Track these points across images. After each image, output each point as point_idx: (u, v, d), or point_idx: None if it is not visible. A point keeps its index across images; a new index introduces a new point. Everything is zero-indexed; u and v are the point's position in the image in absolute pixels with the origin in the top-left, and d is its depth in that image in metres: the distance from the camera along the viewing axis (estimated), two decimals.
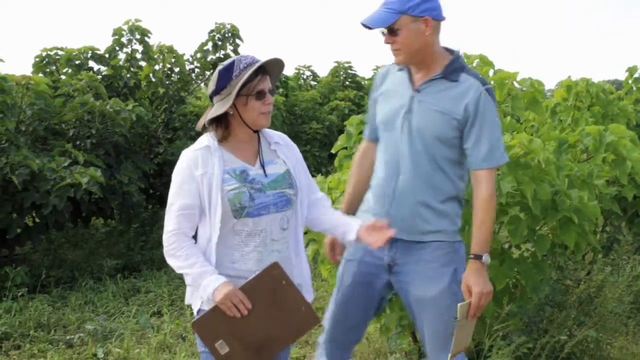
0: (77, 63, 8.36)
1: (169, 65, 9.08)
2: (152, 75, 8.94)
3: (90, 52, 8.50)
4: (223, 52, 9.39)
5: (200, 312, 2.60)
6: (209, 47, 9.53)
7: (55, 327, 5.22)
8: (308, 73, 14.72)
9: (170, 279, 6.50)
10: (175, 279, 6.43)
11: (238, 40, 9.54)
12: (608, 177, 4.42)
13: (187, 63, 9.33)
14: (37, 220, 6.48)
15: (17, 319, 5.22)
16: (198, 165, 2.55)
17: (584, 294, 4.20)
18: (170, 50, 8.98)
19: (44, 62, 8.37)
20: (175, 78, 9.12)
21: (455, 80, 2.97)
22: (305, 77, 14.69)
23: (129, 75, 8.60)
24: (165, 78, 8.98)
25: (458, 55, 3.03)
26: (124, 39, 8.64)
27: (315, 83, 14.63)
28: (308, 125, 11.45)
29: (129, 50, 8.67)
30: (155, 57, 8.86)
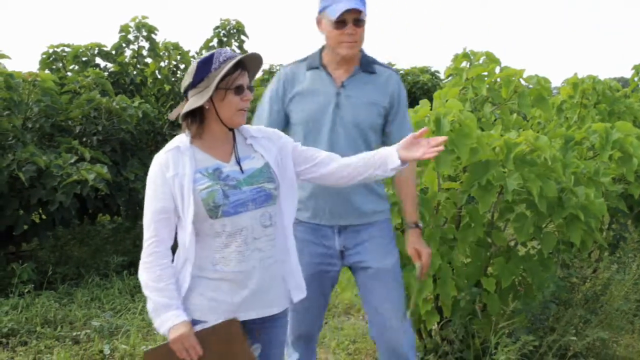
0: (83, 60, 8.39)
1: (175, 62, 9.11)
2: (158, 72, 8.96)
3: (97, 48, 8.52)
4: (228, 48, 9.40)
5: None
6: (215, 43, 9.56)
7: (62, 323, 5.23)
8: None
9: None
10: None
11: (243, 37, 9.57)
12: (614, 174, 4.41)
13: (192, 60, 9.34)
14: (43, 217, 6.50)
15: (23, 316, 5.23)
16: (169, 167, 2.48)
17: (590, 292, 4.18)
18: (176, 47, 9.01)
19: (51, 58, 8.40)
20: (181, 75, 9.12)
21: (373, 73, 3.21)
22: None
23: (135, 72, 8.63)
24: (171, 75, 9.00)
25: (363, 50, 3.23)
26: (131, 36, 8.68)
27: None
28: None
29: (136, 47, 8.70)
30: (162, 53, 8.89)
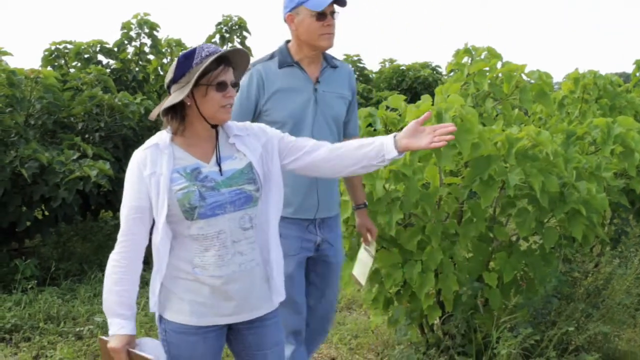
0: (86, 56, 8.41)
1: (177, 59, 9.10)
2: (160, 69, 8.97)
3: (99, 45, 8.54)
4: (230, 44, 9.41)
5: (162, 320, 2.53)
6: (217, 39, 9.56)
7: (65, 319, 5.25)
8: None
9: None
10: None
11: (245, 33, 9.56)
12: (616, 169, 4.41)
13: None
14: (46, 214, 6.52)
15: (26, 312, 5.25)
16: (147, 166, 2.39)
17: (592, 286, 4.19)
18: (179, 44, 9.02)
19: (53, 55, 8.42)
20: None
21: (336, 67, 3.32)
22: None
23: (138, 69, 8.64)
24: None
25: None
26: (133, 33, 8.69)
27: None
28: None
29: (138, 44, 8.71)
30: (164, 50, 8.89)
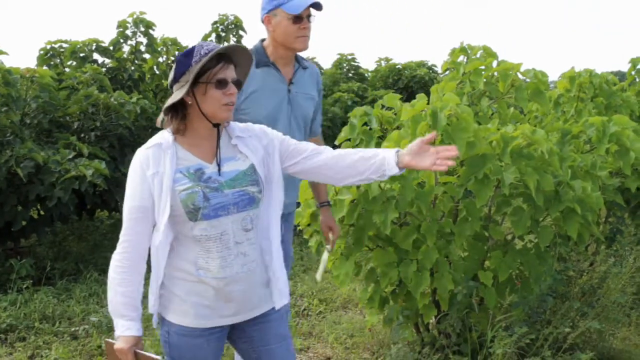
0: (81, 55, 8.39)
1: (173, 58, 9.09)
2: (156, 68, 8.97)
3: (95, 44, 8.53)
4: (226, 43, 9.39)
5: (164, 322, 2.53)
6: (213, 38, 9.55)
7: (60, 319, 5.25)
8: None
9: None
10: None
11: (241, 32, 9.55)
12: (611, 168, 4.42)
13: None
14: (41, 213, 6.51)
15: (22, 311, 5.25)
16: (149, 165, 2.37)
17: (587, 285, 4.19)
18: (174, 43, 9.00)
19: (49, 54, 8.40)
20: None
21: (306, 68, 3.43)
22: None
23: (133, 68, 8.63)
24: (169, 70, 8.98)
25: None
26: (129, 32, 8.68)
27: None
28: None
29: (133, 43, 8.70)
30: (159, 49, 8.88)
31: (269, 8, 3.24)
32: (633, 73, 6.93)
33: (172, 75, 2.41)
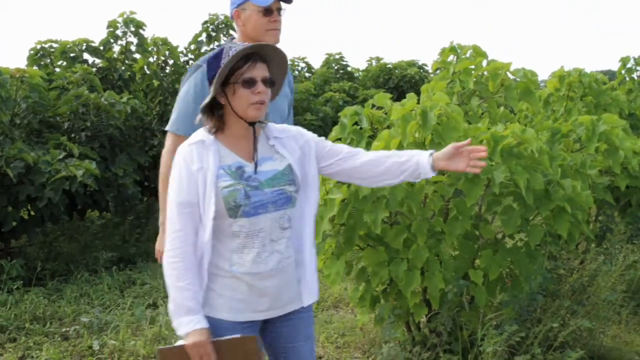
0: (71, 55, 8.37)
1: (164, 58, 9.09)
2: (146, 68, 8.94)
3: (85, 44, 8.51)
4: (217, 43, 9.40)
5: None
6: (203, 38, 9.55)
7: (51, 319, 5.23)
8: (303, 65, 14.71)
9: None
10: None
11: (232, 32, 9.53)
12: (601, 166, 4.44)
13: (181, 55, 9.33)
14: (32, 213, 6.49)
15: (12, 312, 5.23)
16: (194, 160, 2.40)
17: (577, 283, 4.21)
18: (165, 43, 8.99)
19: (39, 54, 8.37)
20: (170, 70, 9.11)
21: None
22: (300, 68, 14.67)
23: (124, 68, 8.62)
24: (160, 70, 8.98)
25: None
26: (119, 32, 8.66)
27: (310, 75, 14.61)
28: (302, 117, 11.41)
29: (124, 43, 8.68)
30: (150, 49, 8.86)
31: (238, 2, 3.17)
32: (623, 72, 6.98)
33: (206, 79, 2.47)
